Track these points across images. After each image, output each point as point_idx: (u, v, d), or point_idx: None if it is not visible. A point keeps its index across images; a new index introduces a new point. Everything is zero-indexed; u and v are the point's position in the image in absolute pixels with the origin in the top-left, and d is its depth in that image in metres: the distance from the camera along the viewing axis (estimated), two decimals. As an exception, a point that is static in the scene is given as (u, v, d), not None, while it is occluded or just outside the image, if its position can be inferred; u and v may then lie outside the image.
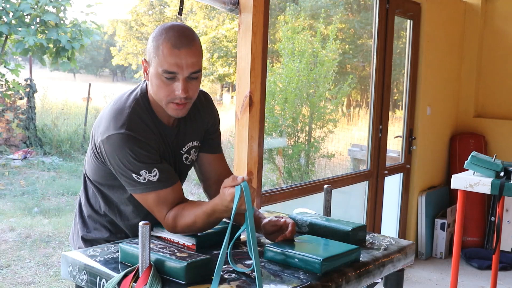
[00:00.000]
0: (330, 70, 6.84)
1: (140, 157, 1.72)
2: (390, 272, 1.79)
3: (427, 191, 5.30)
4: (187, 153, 1.94)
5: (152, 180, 1.73)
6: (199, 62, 1.74)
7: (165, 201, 1.76)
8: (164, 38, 1.70)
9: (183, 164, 1.95)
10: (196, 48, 1.73)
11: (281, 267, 1.58)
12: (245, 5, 3.08)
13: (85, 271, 1.57)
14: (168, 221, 1.75)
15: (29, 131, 10.73)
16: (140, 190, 1.75)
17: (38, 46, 8.86)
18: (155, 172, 1.73)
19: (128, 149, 1.70)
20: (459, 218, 3.64)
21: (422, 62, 5.05)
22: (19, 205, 7.18)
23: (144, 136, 1.74)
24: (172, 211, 1.76)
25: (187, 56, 1.69)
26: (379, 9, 4.47)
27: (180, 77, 1.71)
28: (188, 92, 1.73)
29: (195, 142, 1.96)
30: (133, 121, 1.75)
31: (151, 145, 1.75)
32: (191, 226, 1.72)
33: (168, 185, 1.76)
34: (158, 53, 1.70)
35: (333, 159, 7.41)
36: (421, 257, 5.28)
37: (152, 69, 1.74)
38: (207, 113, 2.00)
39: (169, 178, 1.77)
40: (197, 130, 1.96)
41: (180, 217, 1.73)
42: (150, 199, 1.76)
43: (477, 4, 5.64)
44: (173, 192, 1.77)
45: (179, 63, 1.69)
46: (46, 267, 5.18)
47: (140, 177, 1.72)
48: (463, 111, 5.79)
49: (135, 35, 22.48)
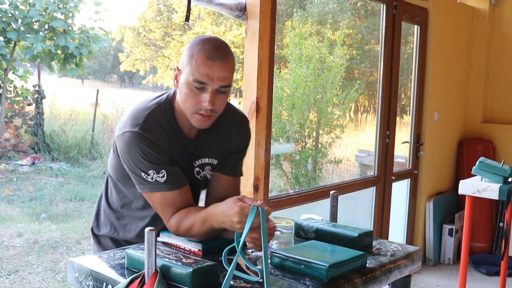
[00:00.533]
0: (337, 75, 6.84)
1: (149, 157, 1.74)
2: (397, 278, 1.78)
3: (435, 196, 5.27)
4: (200, 168, 1.93)
5: (159, 181, 1.76)
6: (229, 77, 1.75)
7: (170, 203, 1.78)
8: (200, 48, 1.72)
9: (193, 178, 1.93)
10: (229, 63, 1.75)
11: (287, 273, 1.58)
12: (252, 11, 3.09)
13: (92, 277, 1.57)
14: (171, 223, 1.78)
15: (37, 137, 10.78)
16: (147, 189, 1.78)
17: (47, 52, 8.91)
18: (163, 173, 1.75)
19: (138, 148, 1.74)
20: (467, 224, 3.63)
21: (430, 67, 5.04)
22: (27, 210, 7.20)
23: (157, 138, 1.76)
24: (177, 214, 1.77)
25: (220, 69, 1.71)
26: (386, 14, 4.47)
27: (209, 89, 1.72)
28: (215, 104, 1.74)
29: (212, 160, 1.94)
30: (149, 122, 1.77)
31: (163, 147, 1.77)
32: (189, 231, 1.74)
33: (174, 188, 1.77)
34: (191, 62, 1.72)
35: (341, 165, 7.40)
36: (429, 263, 5.25)
37: (183, 77, 1.76)
38: (236, 136, 1.97)
39: (177, 181, 1.78)
40: (218, 148, 1.94)
41: (183, 221, 1.75)
42: (156, 199, 1.79)
43: (484, 9, 5.63)
44: (180, 196, 1.79)
45: (210, 74, 1.70)
46: (54, 272, 5.18)
47: (148, 176, 1.75)
48: (471, 117, 5.77)
49: (143, 41, 22.53)
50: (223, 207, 1.63)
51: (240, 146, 2.01)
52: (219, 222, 1.65)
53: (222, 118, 1.92)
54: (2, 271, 5.09)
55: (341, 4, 10.67)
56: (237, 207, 1.58)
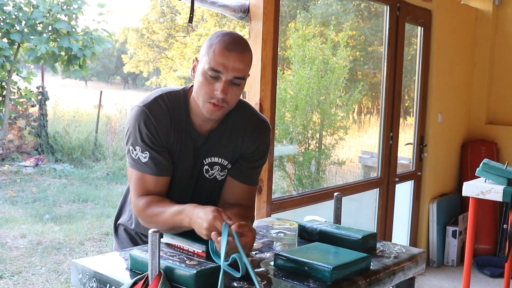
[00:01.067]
0: (340, 77, 6.83)
1: (142, 135, 1.80)
2: (401, 280, 1.77)
3: (439, 198, 5.27)
4: (209, 167, 1.92)
5: (141, 160, 1.82)
6: (244, 70, 1.78)
7: (144, 185, 1.83)
8: (219, 40, 1.77)
9: (202, 176, 1.93)
10: (246, 57, 1.78)
11: (290, 275, 1.57)
12: (255, 13, 3.09)
13: (95, 279, 1.57)
14: (139, 203, 1.81)
15: (41, 138, 10.80)
16: (129, 164, 1.86)
17: (50, 54, 8.92)
18: (146, 154, 1.81)
19: (137, 123, 1.81)
20: (471, 225, 3.62)
21: (433, 69, 5.03)
22: (31, 212, 7.21)
23: (157, 120, 1.81)
24: (149, 197, 1.81)
25: (235, 60, 1.75)
26: (389, 16, 4.47)
27: (223, 78, 1.75)
28: (227, 95, 1.76)
29: (222, 160, 1.94)
30: (156, 104, 1.83)
31: (159, 131, 1.81)
32: (156, 216, 1.77)
33: (152, 172, 1.82)
34: (209, 51, 1.76)
35: (344, 166, 7.39)
36: (432, 265, 5.24)
37: (200, 67, 1.80)
38: (252, 140, 1.96)
39: (156, 167, 1.82)
40: (230, 150, 1.94)
41: (153, 205, 1.78)
42: (133, 176, 1.85)
43: (488, 10, 5.62)
44: (156, 183, 1.83)
45: (226, 64, 1.74)
46: (57, 274, 5.19)
47: (134, 152, 1.82)
48: (475, 118, 5.76)
49: (146, 42, 22.55)
50: (200, 210, 1.65)
51: (257, 152, 1.98)
52: (190, 221, 1.66)
53: (241, 118, 1.94)
54: (6, 272, 5.10)
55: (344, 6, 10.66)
56: (211, 216, 1.60)
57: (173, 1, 20.50)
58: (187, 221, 1.68)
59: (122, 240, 2.08)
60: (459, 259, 5.31)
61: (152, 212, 1.78)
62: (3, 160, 10.12)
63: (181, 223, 1.70)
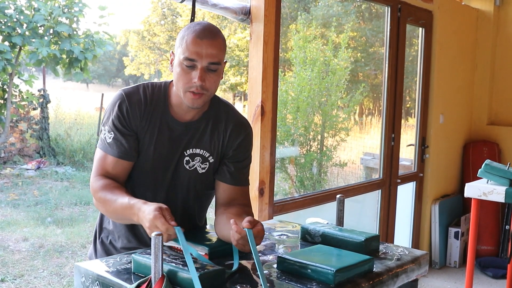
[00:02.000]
0: (342, 78, 6.84)
1: (113, 116, 1.86)
2: (404, 282, 1.77)
3: (441, 199, 5.26)
4: (190, 158, 1.93)
5: (105, 140, 1.87)
6: (219, 55, 1.80)
7: (103, 165, 1.87)
8: (190, 30, 1.81)
9: (182, 167, 1.93)
10: (218, 42, 1.81)
11: (294, 278, 1.57)
12: (256, 15, 3.09)
13: (98, 282, 1.57)
14: (95, 184, 1.84)
15: (43, 141, 10.80)
16: (98, 144, 1.92)
17: (52, 56, 8.92)
18: (111, 135, 1.86)
19: (112, 105, 1.88)
20: (473, 226, 3.62)
21: (435, 69, 5.03)
22: (33, 215, 7.21)
23: (132, 105, 1.87)
24: (105, 179, 1.84)
25: (208, 46, 1.78)
26: (390, 17, 4.47)
27: (199, 66, 1.78)
28: (205, 81, 1.79)
29: (204, 151, 1.95)
30: (135, 91, 1.90)
31: (130, 116, 1.86)
32: (106, 202, 1.79)
33: (113, 153, 1.86)
34: (182, 42, 1.80)
35: (346, 168, 7.39)
36: (435, 266, 5.24)
37: (176, 59, 1.84)
38: (234, 135, 1.98)
39: (117, 148, 1.86)
40: (212, 142, 1.95)
41: (106, 189, 1.80)
42: (97, 155, 1.90)
43: (489, 11, 5.62)
44: (114, 164, 1.86)
45: (199, 51, 1.77)
46: (59, 277, 5.19)
47: (103, 131, 1.88)
48: (476, 119, 5.76)
49: (147, 45, 22.56)
50: (146, 207, 1.63)
51: (240, 149, 2.00)
52: (138, 219, 1.66)
53: (222, 115, 1.97)
54: (8, 276, 5.10)
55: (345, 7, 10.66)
56: (152, 215, 1.58)
57: (174, 4, 20.50)
58: (135, 218, 1.68)
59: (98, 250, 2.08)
60: (462, 260, 5.30)
61: (104, 197, 1.79)
62: (5, 163, 10.13)
63: (130, 218, 1.71)
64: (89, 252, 2.14)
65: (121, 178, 1.89)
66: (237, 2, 3.08)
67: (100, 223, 2.07)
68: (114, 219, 1.86)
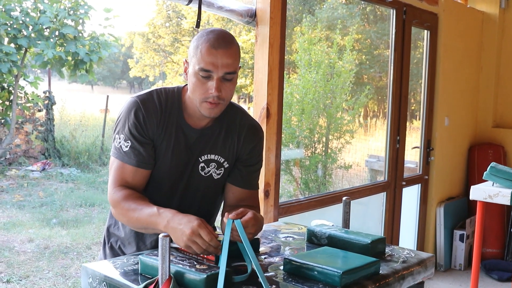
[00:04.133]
0: (346, 80, 6.84)
1: (128, 124, 1.83)
2: (410, 285, 1.77)
3: (446, 202, 5.25)
4: (205, 164, 1.93)
5: (122, 149, 1.84)
6: (234, 64, 1.79)
7: (122, 176, 1.84)
8: (204, 39, 1.78)
9: (197, 173, 1.93)
10: (233, 51, 1.79)
11: (300, 280, 1.57)
12: (262, 18, 3.10)
13: (105, 283, 1.57)
14: (116, 195, 1.81)
15: (48, 143, 10.83)
16: (112, 152, 1.88)
17: (57, 58, 8.96)
18: (128, 144, 1.83)
19: (127, 112, 1.84)
20: (479, 229, 3.61)
21: (440, 72, 5.03)
22: (38, 216, 7.23)
23: (148, 112, 1.84)
24: (127, 190, 1.82)
25: (223, 56, 1.75)
26: (396, 20, 4.47)
27: (215, 76, 1.76)
28: (221, 92, 1.78)
29: (219, 157, 1.95)
30: (149, 97, 1.87)
31: (147, 123, 1.84)
32: (130, 211, 1.77)
33: (131, 163, 1.83)
34: (196, 52, 1.78)
35: (350, 170, 7.38)
36: (440, 269, 5.23)
37: (191, 68, 1.81)
38: (247, 140, 1.99)
39: (135, 157, 1.83)
40: (226, 148, 1.95)
41: (130, 199, 1.79)
42: (114, 165, 1.86)
43: (494, 13, 5.61)
44: (134, 174, 1.84)
45: (215, 62, 1.75)
46: (64, 278, 5.20)
47: (118, 140, 1.85)
48: (482, 121, 5.75)
49: (152, 47, 22.62)
50: (182, 216, 1.64)
51: (253, 153, 2.01)
52: (167, 225, 1.65)
53: (236, 120, 1.97)
54: (14, 276, 5.11)
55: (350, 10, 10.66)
56: (195, 222, 1.59)
57: (178, 6, 20.54)
58: (163, 225, 1.66)
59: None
60: (467, 263, 5.29)
61: (128, 206, 1.77)
62: (10, 165, 10.16)
63: (156, 226, 1.70)
64: (99, 258, 2.14)
65: (141, 187, 1.87)
66: (243, 5, 3.09)
67: (108, 229, 2.07)
68: (136, 227, 1.81)
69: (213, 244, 1.58)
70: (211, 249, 1.59)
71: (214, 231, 1.61)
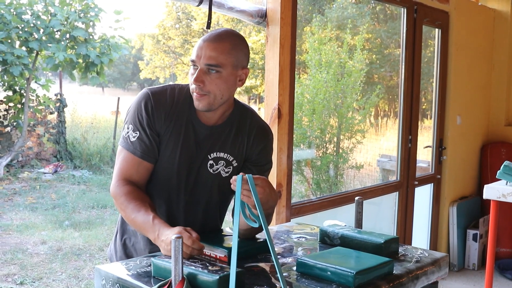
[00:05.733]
0: (357, 80, 6.81)
1: (138, 114, 1.85)
2: (424, 285, 1.76)
3: (459, 201, 5.22)
4: (214, 161, 1.94)
5: (130, 139, 1.86)
6: (218, 58, 1.79)
7: (128, 167, 1.86)
8: (204, 35, 1.85)
9: (206, 171, 1.94)
10: (221, 45, 1.80)
11: (313, 280, 1.57)
12: (272, 18, 3.09)
13: (118, 285, 1.58)
14: (119, 188, 1.83)
15: (60, 145, 10.89)
16: (120, 142, 1.90)
17: (68, 61, 9.01)
18: (136, 134, 1.85)
19: (137, 103, 1.87)
20: (492, 228, 3.58)
21: (451, 71, 5.00)
22: (50, 218, 7.27)
23: (158, 105, 1.86)
24: (130, 186, 1.83)
25: (208, 48, 1.79)
26: (407, 18, 4.45)
27: (198, 67, 1.80)
28: (204, 83, 1.80)
29: (228, 155, 1.96)
30: (161, 92, 1.90)
31: (156, 115, 1.86)
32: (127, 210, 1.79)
33: (138, 154, 1.85)
34: None
35: (362, 170, 7.36)
36: (453, 269, 5.20)
37: None
38: (257, 140, 2.00)
39: (141, 149, 1.85)
40: (236, 147, 1.97)
41: (129, 197, 1.80)
42: (121, 155, 1.88)
43: (506, 11, 5.57)
44: (139, 165, 1.86)
45: (199, 53, 1.81)
46: (77, 279, 5.22)
47: (126, 129, 1.87)
48: (494, 120, 5.71)
49: (162, 48, 22.67)
50: (168, 228, 1.67)
51: (263, 153, 2.03)
52: (156, 239, 1.69)
53: (246, 120, 1.99)
54: (27, 278, 5.14)
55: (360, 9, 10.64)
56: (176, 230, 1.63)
57: (188, 7, 20.59)
58: (153, 238, 1.71)
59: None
60: (480, 263, 5.26)
61: (127, 204, 1.79)
62: (23, 167, 10.22)
63: (147, 235, 1.74)
64: (109, 253, 2.14)
65: (143, 182, 1.89)
66: (253, 5, 3.09)
67: (122, 223, 2.08)
68: (130, 225, 1.86)
69: (196, 246, 1.61)
70: (195, 252, 1.62)
71: (197, 235, 1.64)
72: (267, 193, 1.67)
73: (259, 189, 1.63)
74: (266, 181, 1.68)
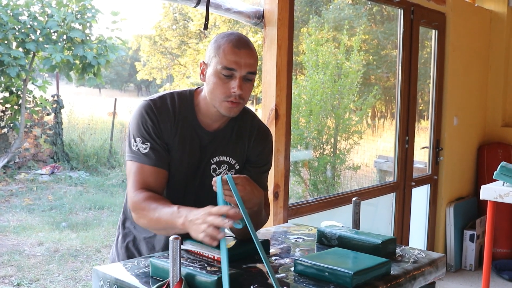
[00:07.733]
0: (354, 81, 6.82)
1: (144, 126, 1.84)
2: (421, 285, 1.76)
3: (455, 202, 5.23)
4: (217, 165, 1.95)
5: (141, 151, 1.83)
6: (255, 65, 1.83)
7: (143, 177, 1.83)
8: (226, 40, 1.82)
9: (208, 175, 1.94)
10: (253, 53, 1.84)
11: (311, 281, 1.57)
12: (269, 19, 3.10)
13: (116, 286, 1.58)
14: (137, 197, 1.79)
15: (57, 147, 10.87)
16: (129, 157, 1.87)
17: (65, 62, 8.98)
18: (147, 145, 1.83)
19: (140, 115, 1.85)
20: (489, 229, 3.59)
21: (448, 72, 5.01)
22: (47, 219, 7.26)
23: (161, 114, 1.86)
24: (148, 192, 1.80)
25: (246, 56, 1.80)
26: (403, 20, 4.46)
27: (237, 75, 1.79)
28: (243, 91, 1.81)
29: (230, 159, 1.97)
30: (162, 100, 1.88)
31: (161, 125, 1.85)
32: (151, 211, 1.74)
33: (152, 163, 1.83)
34: (219, 52, 1.80)
35: (359, 171, 7.37)
36: (450, 269, 5.21)
37: (211, 69, 1.83)
38: (257, 142, 2.02)
39: (156, 158, 1.83)
40: (237, 150, 1.98)
41: (150, 200, 1.76)
42: (132, 169, 1.85)
43: (502, 12, 5.59)
44: (155, 174, 1.83)
45: (238, 61, 1.79)
46: (75, 281, 5.22)
47: (134, 143, 1.84)
48: (491, 121, 5.72)
49: (159, 50, 22.64)
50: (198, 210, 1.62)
51: (262, 155, 2.04)
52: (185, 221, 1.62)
53: (246, 122, 2.00)
54: (24, 280, 5.13)
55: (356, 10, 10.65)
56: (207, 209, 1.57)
57: (185, 8, 20.58)
58: (181, 222, 1.64)
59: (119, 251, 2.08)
60: (477, 263, 5.27)
61: (148, 206, 1.76)
62: (20, 169, 10.21)
63: (174, 224, 1.66)
64: (111, 257, 2.14)
65: (162, 189, 1.87)
66: (250, 6, 3.09)
67: (123, 226, 2.07)
68: (155, 227, 1.79)
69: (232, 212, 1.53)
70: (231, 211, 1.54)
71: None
72: (248, 190, 1.66)
73: (240, 188, 1.63)
74: (246, 179, 1.68)
